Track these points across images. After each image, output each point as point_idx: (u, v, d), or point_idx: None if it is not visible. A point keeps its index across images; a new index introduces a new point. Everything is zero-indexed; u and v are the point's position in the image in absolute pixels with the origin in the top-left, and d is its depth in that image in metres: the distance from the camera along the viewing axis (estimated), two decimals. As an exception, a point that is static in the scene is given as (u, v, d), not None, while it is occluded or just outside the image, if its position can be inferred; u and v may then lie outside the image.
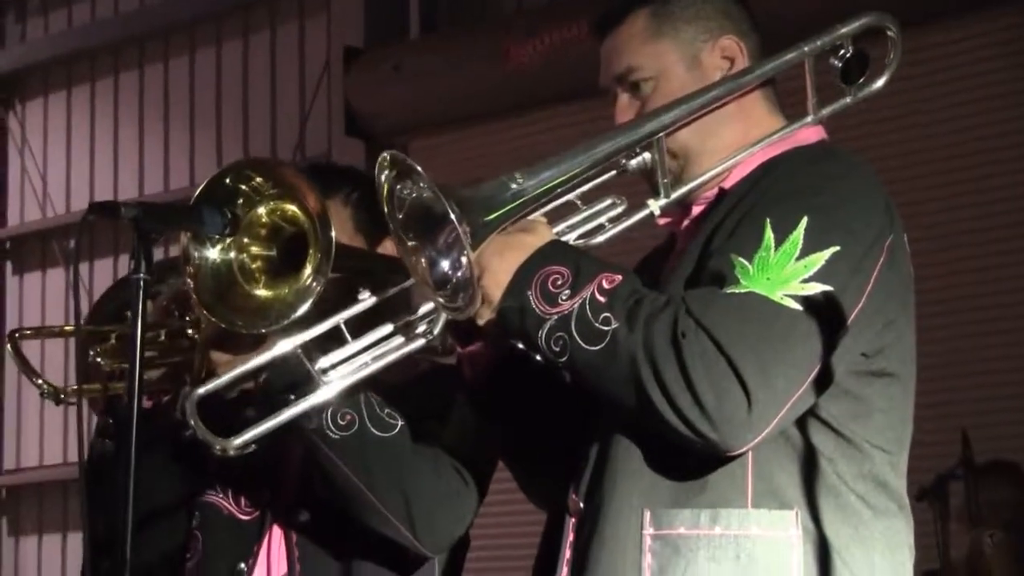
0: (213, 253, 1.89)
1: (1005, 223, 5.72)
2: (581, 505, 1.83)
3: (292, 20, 7.46)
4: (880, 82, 1.88)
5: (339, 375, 1.78)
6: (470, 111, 6.60)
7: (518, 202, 1.75)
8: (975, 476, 4.07)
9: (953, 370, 4.69)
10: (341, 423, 1.92)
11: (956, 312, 5.38)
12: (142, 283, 1.75)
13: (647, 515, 1.77)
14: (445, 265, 1.72)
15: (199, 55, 8.13)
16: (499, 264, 1.72)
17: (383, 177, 1.72)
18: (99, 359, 2.06)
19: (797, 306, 1.66)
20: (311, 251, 1.87)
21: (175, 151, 7.99)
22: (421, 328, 1.78)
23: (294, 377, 1.81)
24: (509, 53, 6.42)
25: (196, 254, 1.88)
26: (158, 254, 1.84)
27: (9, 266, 8.64)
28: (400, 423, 1.97)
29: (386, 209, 1.73)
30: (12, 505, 8.96)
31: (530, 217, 1.79)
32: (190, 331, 2.04)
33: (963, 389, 5.32)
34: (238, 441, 1.73)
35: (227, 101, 8.07)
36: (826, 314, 1.68)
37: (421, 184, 1.69)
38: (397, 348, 1.78)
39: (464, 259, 1.67)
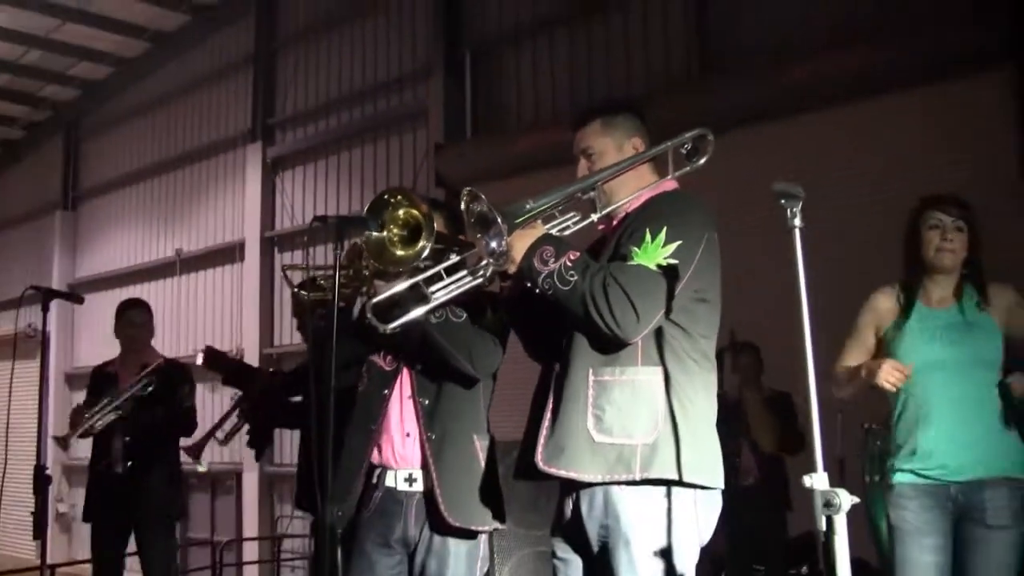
0: (375, 232, 3.22)
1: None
2: (558, 367, 2.96)
3: (409, 131, 12.60)
4: (703, 161, 3.00)
5: (439, 295, 3.10)
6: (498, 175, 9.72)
7: (530, 214, 2.93)
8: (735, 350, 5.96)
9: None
10: (438, 316, 3.32)
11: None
12: (337, 257, 3.19)
13: (590, 370, 2.89)
14: (494, 244, 2.86)
15: (365, 153, 13.53)
16: (520, 243, 2.87)
17: (464, 200, 2.91)
18: (321, 282, 3.51)
19: (659, 270, 2.83)
20: (424, 233, 3.17)
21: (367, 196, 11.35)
22: (479, 274, 3.06)
23: (417, 295, 3.12)
24: (513, 146, 10.51)
25: (367, 234, 3.23)
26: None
27: (277, 250, 14.43)
28: (465, 316, 3.37)
29: (465, 215, 2.91)
30: (278, 365, 13.73)
31: (534, 222, 2.96)
32: (365, 271, 3.39)
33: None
34: (390, 327, 3.10)
35: (381, 172, 13.10)
36: (673, 273, 2.84)
37: (482, 204, 2.85)
38: (467, 283, 3.09)
39: (503, 241, 2.84)
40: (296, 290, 3.61)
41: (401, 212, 3.23)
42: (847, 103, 8.22)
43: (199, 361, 5.66)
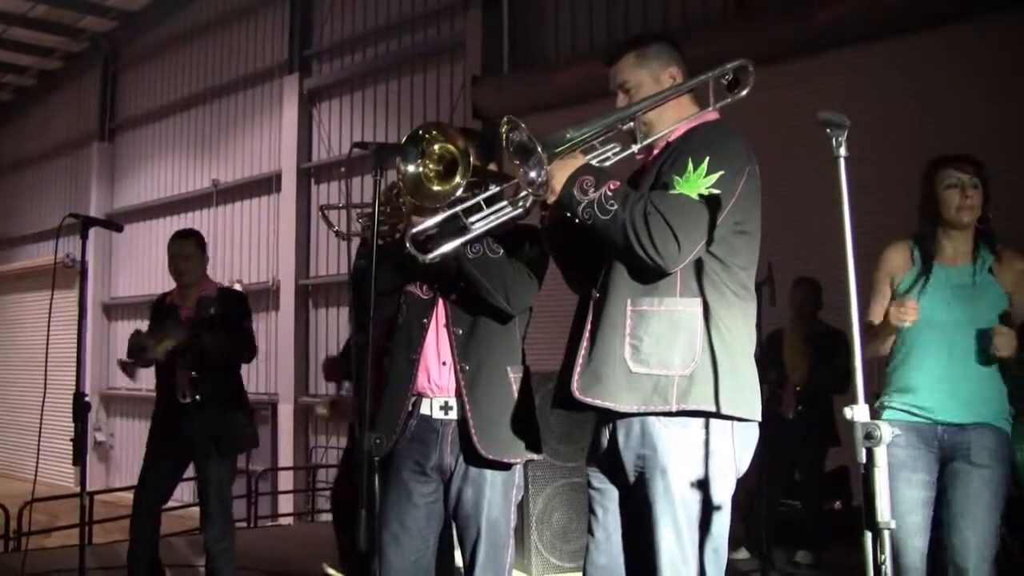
0: (412, 167, 3.18)
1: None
2: (597, 295, 2.94)
3: (446, 63, 12.87)
4: (744, 92, 2.95)
5: (478, 226, 3.09)
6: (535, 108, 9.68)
7: (570, 143, 2.87)
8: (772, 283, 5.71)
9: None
10: (475, 250, 3.30)
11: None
12: (377, 182, 3.11)
13: (628, 300, 2.87)
14: (533, 174, 2.83)
15: (403, 85, 14.00)
16: (559, 173, 2.84)
17: (503, 129, 2.86)
18: (360, 219, 3.52)
19: (701, 199, 2.79)
20: (460, 167, 3.13)
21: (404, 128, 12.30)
22: (519, 204, 3.06)
23: (456, 226, 3.12)
24: (550, 80, 10.41)
25: (403, 167, 3.18)
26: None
27: (313, 182, 14.93)
28: (502, 250, 3.36)
29: (504, 144, 2.87)
30: (314, 296, 15.31)
31: (574, 152, 2.91)
32: (403, 207, 3.37)
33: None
34: (429, 256, 3.09)
35: (418, 105, 13.56)
36: (715, 203, 2.80)
37: (522, 133, 2.82)
38: (506, 213, 3.08)
39: (543, 171, 2.81)
40: (336, 229, 3.61)
41: (437, 147, 3.19)
42: (880, 41, 8.14)
43: (238, 289, 5.70)
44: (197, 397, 5.69)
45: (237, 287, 5.79)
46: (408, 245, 3.11)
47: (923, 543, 3.80)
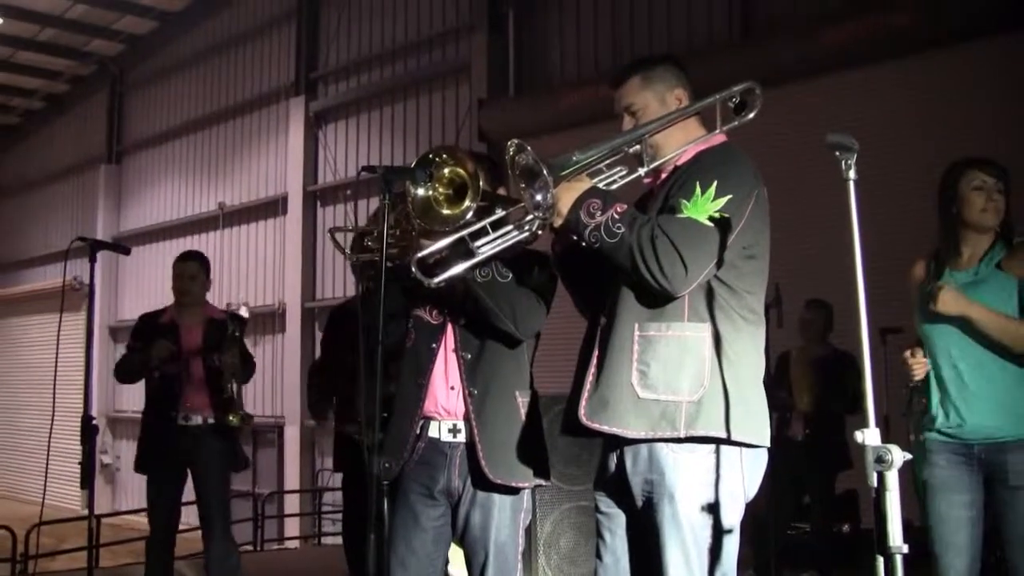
0: (420, 191, 3.18)
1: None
2: (604, 321, 2.93)
3: (451, 86, 12.98)
4: (752, 115, 2.93)
5: (484, 250, 3.07)
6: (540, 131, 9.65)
7: (576, 166, 2.86)
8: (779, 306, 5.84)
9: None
10: (484, 274, 3.28)
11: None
12: (387, 205, 3.07)
13: (636, 326, 2.86)
14: (539, 197, 2.81)
15: (408, 108, 14.11)
16: (566, 196, 2.83)
17: (510, 152, 2.85)
18: (368, 243, 3.50)
19: (710, 223, 2.78)
20: (469, 191, 3.13)
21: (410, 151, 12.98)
22: (525, 228, 3.00)
23: (464, 250, 3.10)
24: (556, 102, 10.52)
25: (413, 191, 3.19)
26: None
27: (319, 205, 14.85)
28: (511, 275, 3.34)
29: (510, 167, 2.86)
30: (320, 318, 14.79)
31: (580, 175, 2.89)
32: (412, 231, 3.33)
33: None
34: (435, 280, 3.08)
35: (424, 127, 13.63)
36: (723, 227, 2.78)
37: (528, 155, 2.80)
38: (512, 237, 3.05)
39: (549, 194, 2.80)
40: (346, 253, 3.61)
41: (447, 171, 3.18)
42: (885, 62, 8.17)
43: (243, 313, 5.74)
44: (210, 420, 5.73)
45: (244, 310, 5.81)
46: (414, 269, 3.10)
47: (967, 563, 3.73)
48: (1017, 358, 3.70)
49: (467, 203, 3.13)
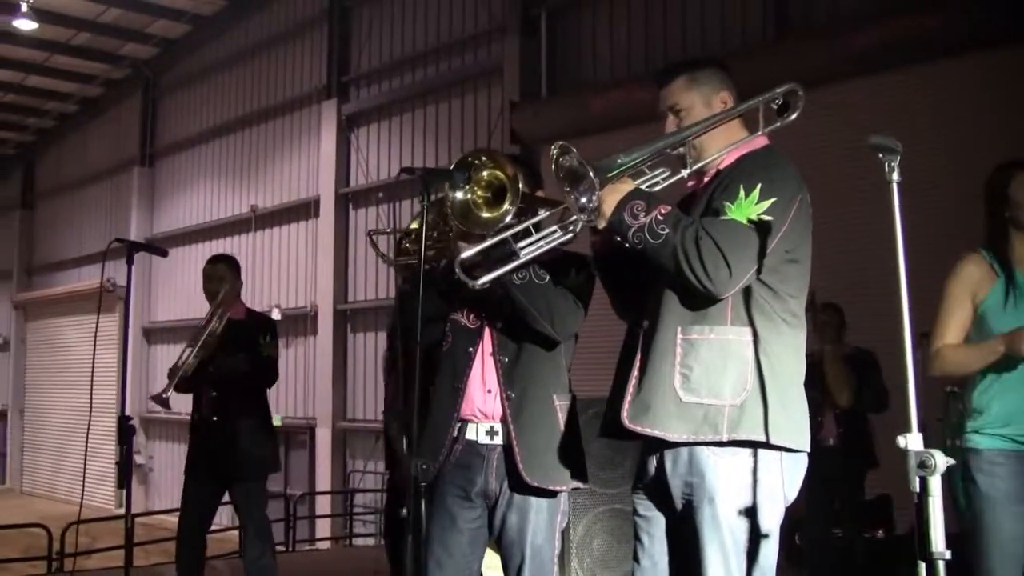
0: (459, 194, 3.20)
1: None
2: (647, 324, 2.93)
3: (484, 89, 13.03)
4: (794, 116, 2.95)
5: (527, 251, 3.07)
6: (573, 134, 9.23)
7: (621, 168, 2.87)
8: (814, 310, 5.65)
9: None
10: (521, 276, 3.28)
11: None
12: (425, 208, 3.10)
13: (678, 329, 2.86)
14: (584, 199, 2.83)
15: (440, 110, 14.02)
16: (610, 198, 2.83)
17: (554, 153, 2.86)
18: (406, 245, 3.51)
19: (753, 226, 2.78)
20: (509, 194, 3.16)
21: (441, 154, 13.21)
22: (569, 229, 3.01)
23: (504, 252, 3.10)
24: (588, 105, 10.52)
25: (451, 194, 3.20)
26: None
27: (351, 207, 15.14)
28: (548, 277, 3.34)
29: (554, 169, 2.86)
30: (352, 320, 15.13)
31: (624, 177, 2.89)
32: (449, 232, 3.36)
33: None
34: (479, 282, 3.08)
35: (456, 130, 13.63)
36: (766, 230, 2.78)
37: (573, 157, 2.81)
38: (556, 238, 3.05)
39: (595, 196, 2.81)
40: (384, 256, 3.62)
41: (486, 173, 3.20)
42: (920, 64, 8.12)
43: (276, 316, 5.78)
44: (215, 417, 5.78)
45: (275, 313, 5.83)
46: (457, 271, 3.10)
47: None
48: None
49: (506, 206, 3.14)
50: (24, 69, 19.66)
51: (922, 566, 2.28)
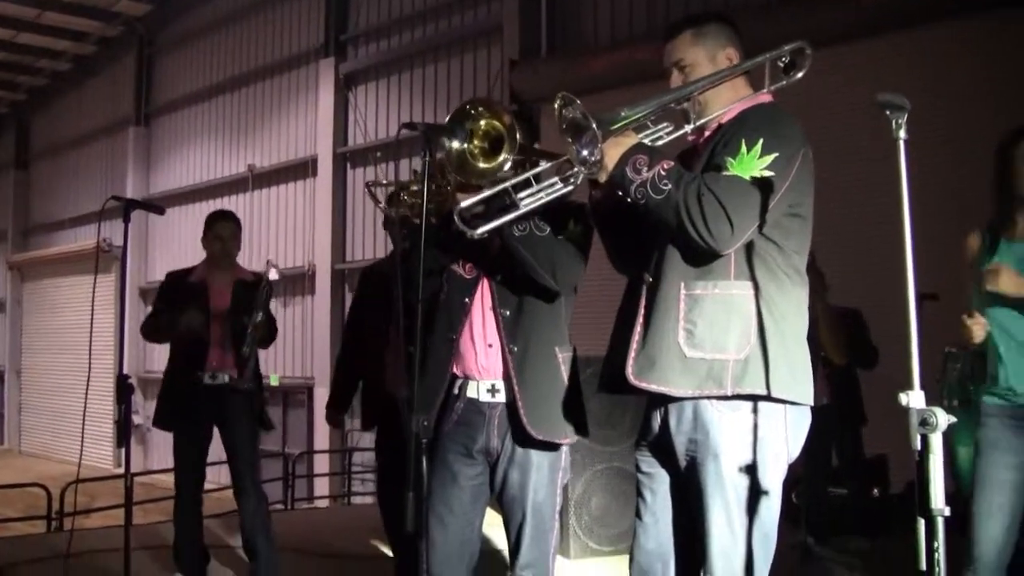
0: (456, 144, 3.16)
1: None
2: (650, 279, 2.92)
3: (483, 47, 12.90)
4: (800, 74, 2.94)
5: (527, 202, 3.04)
6: (573, 92, 9.30)
7: (624, 121, 2.86)
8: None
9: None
10: (521, 228, 3.28)
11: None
12: (426, 162, 3.09)
13: (682, 284, 2.86)
14: (585, 152, 2.80)
15: (439, 69, 13.76)
16: (613, 152, 2.82)
17: (557, 105, 2.83)
18: (404, 197, 3.49)
19: (755, 182, 2.76)
20: (506, 144, 3.13)
21: (440, 113, 12.79)
22: (570, 181, 2.99)
23: (503, 203, 3.09)
24: (588, 64, 10.49)
25: (448, 144, 3.16)
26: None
27: (349, 166, 14.90)
28: (548, 229, 3.34)
29: (557, 120, 2.82)
30: (350, 280, 14.84)
31: (627, 130, 2.89)
32: (447, 185, 3.34)
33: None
34: (478, 231, 3.06)
35: (455, 88, 13.43)
36: (768, 186, 2.77)
37: (577, 109, 2.78)
38: (557, 190, 3.03)
39: (597, 149, 2.78)
40: (383, 207, 3.59)
41: (483, 123, 3.17)
42: (927, 25, 8.06)
43: (272, 276, 5.76)
44: (228, 377, 5.77)
45: (273, 272, 5.79)
46: (457, 220, 3.08)
47: (1001, 526, 3.74)
48: None
49: (503, 156, 3.12)
50: (15, 26, 19.46)
51: (921, 522, 2.28)
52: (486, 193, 3.15)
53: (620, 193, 2.89)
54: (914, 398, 2.34)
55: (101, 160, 21.78)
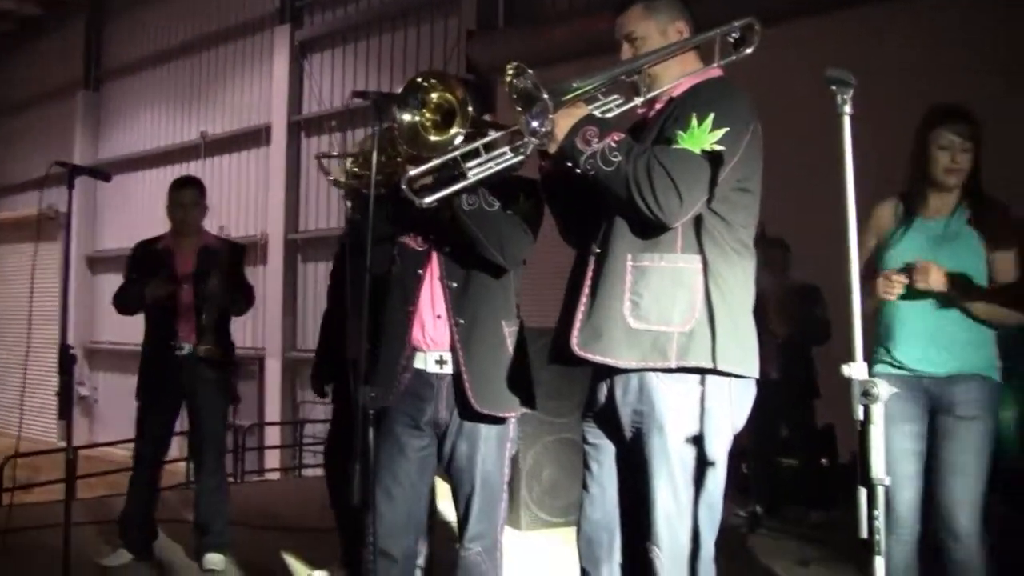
0: (408, 116, 3.13)
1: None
2: (597, 251, 2.93)
3: (440, 17, 12.94)
4: (750, 50, 2.96)
5: (476, 172, 3.05)
6: (530, 64, 9.36)
7: (575, 92, 2.86)
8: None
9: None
10: (471, 202, 3.28)
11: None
12: (376, 132, 3.09)
13: (629, 256, 2.87)
14: (536, 123, 2.80)
15: (396, 38, 13.88)
16: (563, 122, 2.82)
17: (508, 74, 2.80)
18: (355, 169, 3.46)
19: (705, 155, 2.78)
20: (458, 116, 3.10)
21: (396, 82, 12.50)
22: (519, 152, 3.00)
23: (453, 173, 3.09)
24: (546, 35, 10.49)
25: (399, 117, 3.13)
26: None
27: (303, 135, 14.88)
28: (498, 204, 3.34)
29: (508, 89, 2.81)
30: (303, 250, 15.37)
31: (577, 102, 2.88)
32: (397, 157, 3.33)
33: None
34: (427, 200, 3.05)
35: (411, 58, 13.35)
36: (718, 160, 2.78)
37: (528, 79, 2.78)
38: (505, 160, 3.04)
39: (547, 119, 2.79)
40: (333, 179, 3.56)
41: (435, 96, 3.15)
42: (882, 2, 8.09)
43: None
44: (197, 346, 5.70)
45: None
46: (404, 189, 3.06)
47: (913, 494, 3.84)
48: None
49: (455, 129, 3.09)
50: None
51: (862, 491, 2.31)
52: (435, 162, 3.14)
53: (570, 164, 2.89)
54: (856, 369, 2.36)
55: (48, 125, 21.40)
